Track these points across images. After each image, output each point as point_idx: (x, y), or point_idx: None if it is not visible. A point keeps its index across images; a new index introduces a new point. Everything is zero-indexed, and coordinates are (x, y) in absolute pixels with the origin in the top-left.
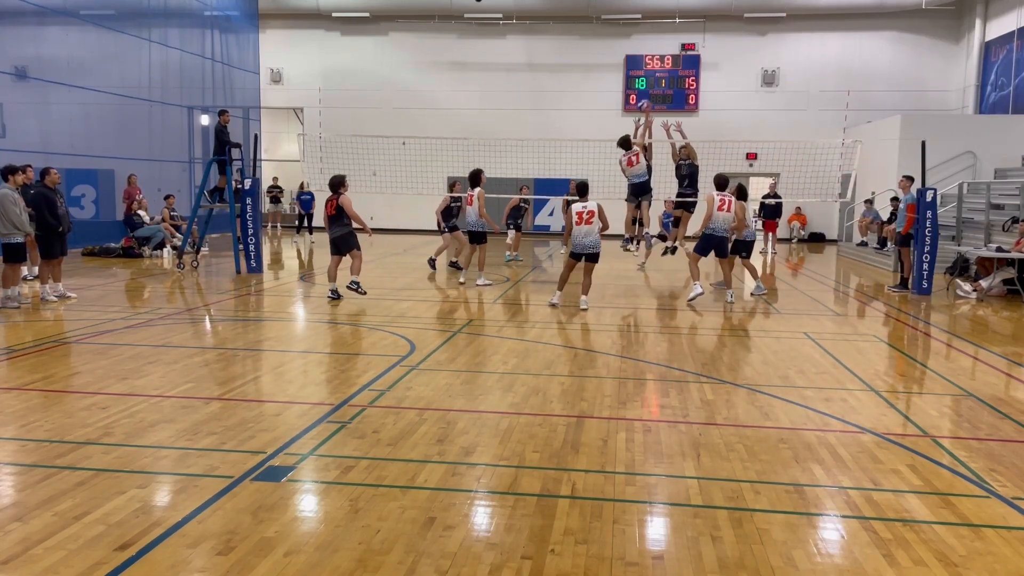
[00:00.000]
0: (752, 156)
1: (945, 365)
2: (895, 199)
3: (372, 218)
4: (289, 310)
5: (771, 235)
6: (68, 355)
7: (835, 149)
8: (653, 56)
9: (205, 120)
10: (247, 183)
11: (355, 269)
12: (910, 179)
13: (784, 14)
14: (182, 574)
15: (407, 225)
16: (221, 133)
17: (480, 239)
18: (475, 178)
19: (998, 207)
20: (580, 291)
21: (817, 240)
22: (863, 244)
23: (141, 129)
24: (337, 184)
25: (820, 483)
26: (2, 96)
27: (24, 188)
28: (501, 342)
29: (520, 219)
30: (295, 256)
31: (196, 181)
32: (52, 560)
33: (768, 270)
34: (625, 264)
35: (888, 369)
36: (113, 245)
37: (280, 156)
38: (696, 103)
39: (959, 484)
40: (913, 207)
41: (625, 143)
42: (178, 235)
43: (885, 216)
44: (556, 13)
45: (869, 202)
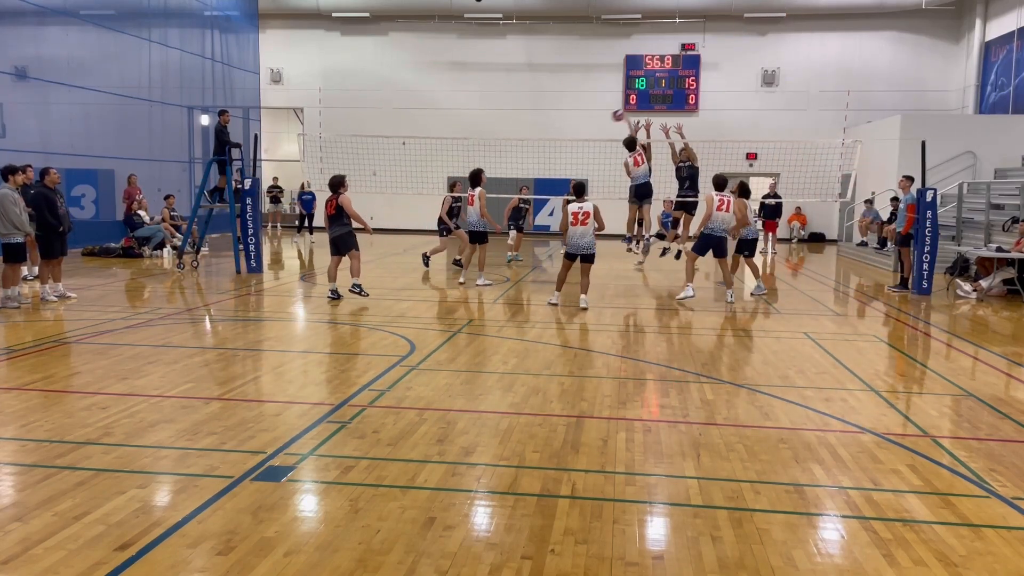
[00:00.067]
0: (752, 156)
1: (945, 365)
2: (895, 199)
3: (372, 218)
4: (289, 310)
5: (771, 235)
6: (68, 355)
7: (835, 149)
8: (653, 56)
9: (205, 120)
10: (247, 183)
11: (354, 270)
12: (910, 179)
13: (784, 14)
14: (182, 574)
15: (407, 225)
16: (221, 133)
17: (481, 239)
18: (475, 178)
19: (998, 207)
20: (579, 291)
21: (817, 240)
22: (863, 244)
23: (141, 129)
24: (337, 184)
25: (820, 483)
26: (2, 96)
27: (24, 188)
28: (501, 342)
29: (521, 220)
30: (295, 256)
31: (196, 181)
32: (52, 560)
33: (768, 270)
34: (624, 264)
35: (888, 369)
36: (113, 245)
37: (280, 156)
38: (696, 103)
39: (959, 484)
40: (913, 207)
41: (630, 143)
42: (178, 235)
43: (885, 216)
44: (556, 13)
45: (869, 202)
